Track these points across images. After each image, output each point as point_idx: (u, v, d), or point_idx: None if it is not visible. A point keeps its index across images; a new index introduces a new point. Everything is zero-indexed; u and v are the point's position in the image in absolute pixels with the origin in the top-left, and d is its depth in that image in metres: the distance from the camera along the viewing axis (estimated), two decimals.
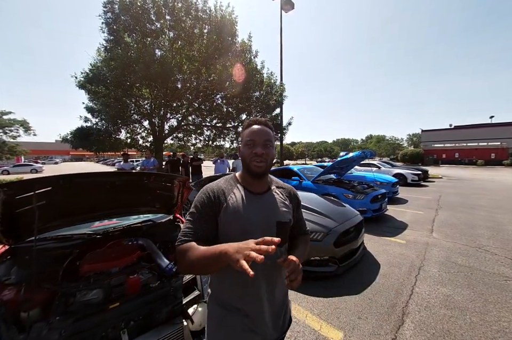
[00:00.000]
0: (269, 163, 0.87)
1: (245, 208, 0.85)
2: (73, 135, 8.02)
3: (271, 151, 0.87)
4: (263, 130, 0.87)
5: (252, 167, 0.85)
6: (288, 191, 0.99)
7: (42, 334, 1.08)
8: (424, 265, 3.02)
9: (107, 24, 7.69)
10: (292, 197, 0.99)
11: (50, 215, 1.55)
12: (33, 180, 1.19)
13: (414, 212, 5.80)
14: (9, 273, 1.45)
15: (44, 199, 1.32)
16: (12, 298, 1.27)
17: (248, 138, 0.86)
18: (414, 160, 31.86)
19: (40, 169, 23.98)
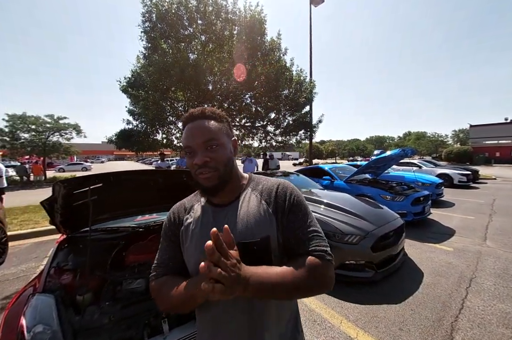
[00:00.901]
0: (223, 170, 0.63)
1: (203, 227, 0.66)
2: (117, 136, 8.80)
3: (220, 152, 0.63)
4: (200, 127, 0.63)
5: (200, 181, 0.63)
6: (271, 190, 0.68)
7: (94, 317, 1.19)
8: (477, 277, 2.69)
9: (145, 32, 8.26)
10: (277, 198, 0.67)
11: (100, 208, 1.71)
12: (88, 177, 1.32)
13: (463, 217, 5.20)
14: (67, 260, 1.64)
15: (96, 193, 1.46)
16: (69, 282, 1.43)
17: (184, 144, 0.64)
18: (461, 159, 28.57)
19: (90, 168, 27.07)
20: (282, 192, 0.67)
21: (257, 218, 0.64)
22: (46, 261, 3.00)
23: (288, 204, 0.66)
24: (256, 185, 0.72)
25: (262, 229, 0.63)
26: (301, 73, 9.48)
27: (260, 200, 0.67)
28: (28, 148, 13.27)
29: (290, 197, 0.67)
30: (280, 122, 10.01)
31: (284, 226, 0.64)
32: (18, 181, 12.79)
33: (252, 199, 0.68)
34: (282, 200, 0.66)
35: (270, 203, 0.66)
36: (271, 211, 0.65)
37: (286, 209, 0.65)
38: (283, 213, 0.65)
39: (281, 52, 9.12)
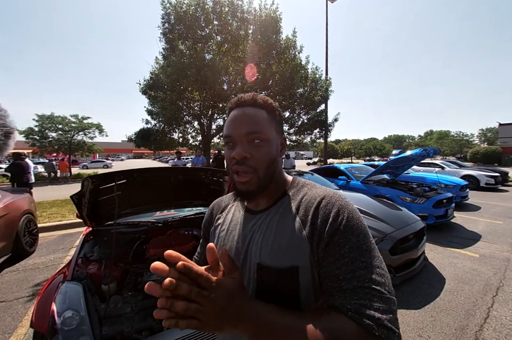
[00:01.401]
0: (263, 172, 0.52)
1: (228, 233, 0.59)
2: (137, 135, 9.16)
3: (264, 149, 0.52)
4: (246, 115, 0.52)
5: (236, 182, 0.54)
6: (311, 203, 0.50)
7: (118, 306, 1.25)
8: (504, 285, 2.53)
9: (164, 34, 8.51)
10: (316, 216, 0.48)
11: (123, 203, 1.80)
12: (114, 173, 1.40)
13: (490, 222, 4.89)
14: (93, 251, 1.74)
15: (120, 189, 1.54)
16: (95, 271, 1.51)
17: (225, 133, 0.55)
18: (489, 160, 26.80)
19: (110, 165, 28.43)
20: (326, 210, 0.48)
21: (287, 240, 0.48)
22: (72, 252, 3.21)
23: (331, 229, 0.45)
24: (297, 193, 0.56)
25: (289, 256, 0.47)
26: (317, 71, 9.34)
27: (294, 215, 0.51)
28: (55, 146, 14.16)
29: (336, 219, 0.46)
30: (295, 121, 9.94)
31: (314, 258, 0.46)
32: (46, 177, 13.66)
33: (286, 211, 0.53)
34: (322, 221, 0.47)
35: (305, 222, 0.48)
36: (305, 235, 0.47)
37: (326, 235, 0.45)
38: (320, 240, 0.45)
39: (297, 50, 9.03)
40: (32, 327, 1.08)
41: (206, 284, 0.36)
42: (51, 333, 0.98)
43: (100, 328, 1.08)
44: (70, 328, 1.00)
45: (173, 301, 0.33)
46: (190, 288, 0.33)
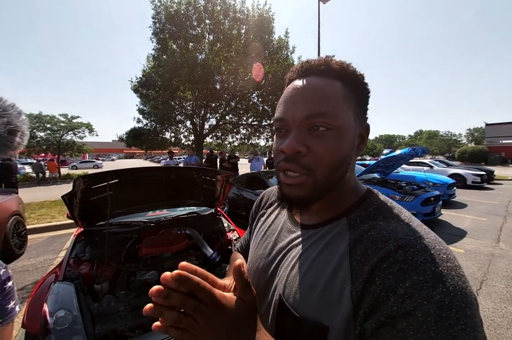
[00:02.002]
0: (324, 175, 0.36)
1: (264, 239, 0.50)
2: (128, 135, 9.05)
3: (332, 140, 0.35)
4: (309, 88, 0.36)
5: (281, 184, 0.40)
6: (378, 249, 0.31)
7: (111, 304, 1.26)
8: (488, 279, 2.64)
9: (155, 34, 8.43)
10: (379, 271, 0.29)
11: (115, 203, 1.79)
12: (106, 173, 1.40)
13: (475, 219, 5.07)
14: (84, 251, 1.73)
15: (112, 189, 1.54)
16: (87, 271, 1.51)
17: (276, 115, 0.40)
18: (476, 159, 27.65)
19: (101, 165, 27.87)
20: (398, 269, 0.28)
21: (321, 286, 0.34)
22: (62, 253, 3.16)
23: (394, 308, 0.27)
24: (362, 219, 0.37)
25: (317, 310, 0.33)
26: None
27: (345, 253, 0.34)
28: (43, 146, 13.79)
29: (411, 295, 0.26)
30: None
31: (365, 337, 0.28)
32: (34, 178, 13.31)
33: (336, 242, 0.37)
34: (385, 286, 0.28)
35: (358, 273, 0.31)
36: (348, 291, 0.31)
37: (382, 311, 0.27)
38: (371, 313, 0.28)
39: (289, 50, 9.11)
40: (23, 327, 1.08)
41: (206, 299, 0.29)
42: (43, 333, 0.98)
43: (92, 326, 1.09)
44: (62, 327, 1.00)
45: (163, 310, 0.28)
46: (184, 299, 0.28)
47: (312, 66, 0.38)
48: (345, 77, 0.38)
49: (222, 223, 2.26)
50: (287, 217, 0.50)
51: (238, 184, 4.99)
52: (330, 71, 0.37)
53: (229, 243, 1.99)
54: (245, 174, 5.35)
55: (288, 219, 0.49)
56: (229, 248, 1.94)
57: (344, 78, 0.37)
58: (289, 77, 0.42)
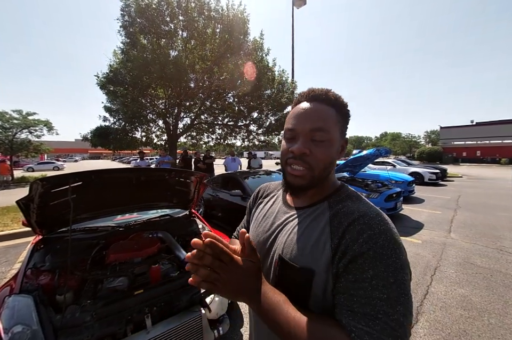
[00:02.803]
0: (318, 172, 0.52)
1: (263, 220, 0.66)
2: (93, 133, 8.40)
3: (324, 149, 0.51)
4: (314, 111, 0.52)
5: (286, 175, 0.56)
6: (347, 218, 0.49)
7: (76, 315, 1.19)
8: (441, 265, 2.96)
9: (124, 27, 7.95)
10: (347, 232, 0.46)
11: (79, 208, 1.68)
12: (68, 175, 1.30)
13: (431, 212, 5.64)
14: (44, 261, 1.59)
15: (75, 192, 1.44)
16: (47, 282, 1.40)
17: (288, 126, 0.55)
18: (432, 158, 30.62)
19: (62, 167, 25.39)
20: (360, 229, 0.45)
21: (310, 244, 0.50)
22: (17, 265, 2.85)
23: (358, 249, 0.43)
24: (337, 202, 0.54)
25: (308, 258, 0.49)
26: (283, 74, 9.64)
27: (326, 224, 0.51)
28: None
29: (368, 242, 0.43)
30: (263, 121, 10.12)
31: (339, 274, 0.44)
32: None
33: (320, 217, 0.53)
34: (352, 239, 0.44)
35: (335, 234, 0.48)
36: (329, 245, 0.47)
37: (350, 253, 0.43)
38: (344, 256, 0.44)
39: (264, 52, 9.21)
40: None
41: (226, 260, 0.43)
42: None
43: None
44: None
45: (198, 268, 0.42)
46: (213, 260, 0.42)
47: (316, 94, 0.54)
48: (338, 105, 0.54)
49: (196, 224, 2.23)
50: (282, 203, 0.66)
51: (214, 185, 4.93)
52: (328, 100, 0.53)
53: None
54: (220, 175, 5.31)
55: (283, 204, 0.65)
56: None
57: (337, 106, 0.54)
58: (298, 99, 0.57)
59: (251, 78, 8.11)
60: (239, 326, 1.96)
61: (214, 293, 0.51)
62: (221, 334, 1.48)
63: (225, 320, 1.55)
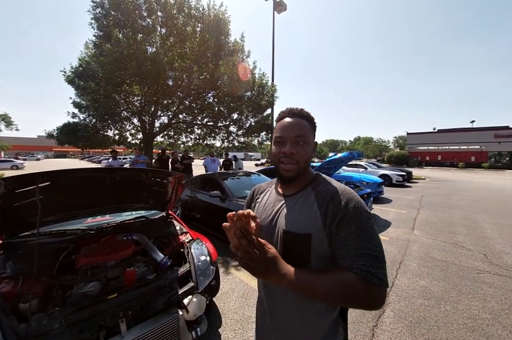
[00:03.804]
0: (302, 165, 0.72)
1: (264, 210, 0.82)
2: (60, 130, 7.78)
3: (305, 149, 0.72)
4: (295, 123, 0.72)
5: (280, 170, 0.74)
6: (327, 194, 0.69)
7: (42, 323, 1.11)
8: (405, 260, 3.22)
9: (96, 19, 7.52)
10: (330, 203, 0.67)
11: (46, 210, 1.57)
12: (35, 174, 1.22)
13: (398, 211, 6.07)
14: (5, 267, 1.46)
15: (42, 193, 1.35)
16: (9, 290, 1.29)
17: (277, 134, 0.74)
18: (400, 162, 32.97)
19: (21, 166, 22.95)
20: (338, 199, 0.66)
21: (305, 216, 0.69)
22: None
23: (340, 213, 0.64)
24: (317, 186, 0.75)
25: (305, 227, 0.67)
26: (263, 76, 9.77)
27: (313, 201, 0.70)
28: None
29: (346, 207, 0.64)
30: (243, 123, 10.15)
31: (332, 234, 0.64)
32: None
33: (308, 197, 0.73)
34: (334, 207, 0.65)
35: (321, 207, 0.68)
36: (319, 214, 0.67)
37: (337, 217, 0.64)
38: (332, 221, 0.64)
39: (245, 54, 9.28)
40: None
41: (259, 247, 0.56)
42: None
43: None
44: None
45: (238, 249, 0.56)
46: (248, 244, 0.54)
47: (294, 112, 0.74)
48: (309, 119, 0.75)
49: (173, 226, 2.19)
50: (276, 194, 0.83)
51: (192, 186, 4.85)
52: (303, 116, 0.74)
53: (181, 246, 1.94)
54: (199, 175, 5.23)
55: (276, 195, 0.82)
56: (181, 251, 1.90)
57: (309, 119, 0.75)
58: (281, 115, 0.77)
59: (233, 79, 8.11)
60: (217, 327, 1.96)
61: (249, 272, 0.59)
62: (198, 335, 1.47)
63: (203, 321, 1.55)
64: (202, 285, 1.60)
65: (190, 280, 1.63)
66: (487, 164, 29.93)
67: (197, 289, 1.59)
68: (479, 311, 2.17)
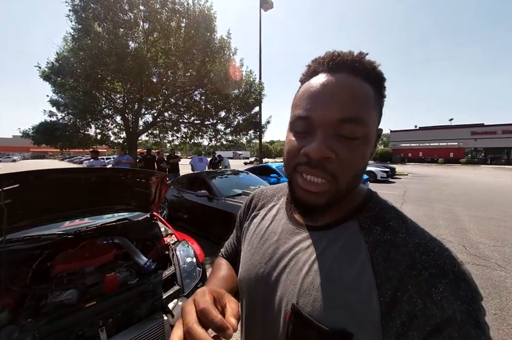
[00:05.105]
0: (346, 183, 0.35)
1: (261, 242, 0.46)
2: (36, 130, 7.36)
3: (360, 149, 0.34)
4: (344, 87, 0.33)
5: (296, 188, 0.38)
6: (398, 253, 0.33)
7: (13, 337, 1.03)
8: None
9: (75, 11, 7.13)
10: (416, 287, 0.29)
11: (16, 214, 1.46)
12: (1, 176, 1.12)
13: None
14: None
15: (10, 196, 1.25)
16: None
17: (298, 112, 0.36)
18: (384, 158, 34.07)
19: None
20: (429, 274, 0.30)
21: (345, 288, 0.33)
22: None
23: (440, 315, 0.27)
24: (371, 221, 0.38)
25: (342, 316, 0.32)
26: (251, 74, 9.71)
27: (364, 258, 0.34)
28: None
29: (447, 299, 0.28)
30: (231, 121, 10.06)
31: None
32: None
33: (352, 244, 0.36)
34: (421, 294, 0.29)
35: (383, 279, 0.31)
36: (376, 295, 0.31)
37: (426, 322, 0.28)
38: (411, 323, 0.28)
39: (231, 51, 9.15)
40: None
41: None
42: None
43: None
44: None
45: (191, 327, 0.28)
46: None
47: (346, 61, 0.34)
48: (376, 79, 0.35)
49: (158, 227, 2.12)
50: (287, 218, 0.46)
51: (178, 186, 4.74)
52: (365, 71, 0.34)
53: (166, 248, 1.88)
54: (185, 175, 5.13)
55: (288, 220, 0.45)
56: (166, 253, 1.84)
57: (375, 80, 0.35)
58: (314, 68, 0.36)
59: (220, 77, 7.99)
60: None
61: None
62: None
63: None
64: (188, 288, 1.55)
65: (176, 283, 1.58)
66: (464, 159, 31.57)
67: (183, 292, 1.54)
68: None
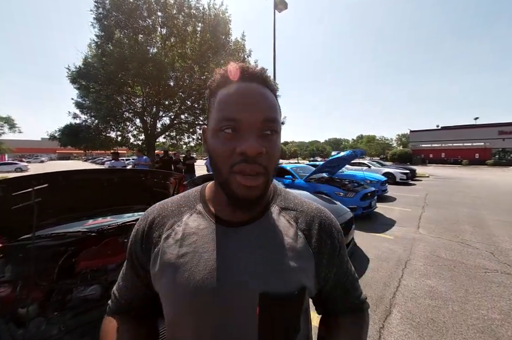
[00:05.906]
0: (272, 173, 0.39)
1: (196, 259, 0.40)
2: (62, 132, 7.84)
3: (277, 145, 0.39)
4: (259, 94, 0.38)
5: (235, 187, 0.37)
6: (312, 218, 0.47)
7: (41, 329, 1.10)
8: (411, 259, 3.16)
9: (98, 19, 7.54)
10: (322, 233, 0.46)
11: (44, 212, 1.55)
12: (32, 176, 1.20)
13: (402, 210, 6.00)
14: (3, 271, 1.45)
15: (40, 196, 1.33)
16: (8, 294, 1.27)
17: (226, 113, 0.37)
18: (403, 160, 32.70)
19: (25, 168, 23.21)
20: (329, 227, 0.47)
21: (294, 258, 0.41)
22: None
23: (337, 245, 0.47)
24: (286, 203, 0.48)
25: (298, 276, 0.40)
26: None
27: (295, 228, 0.44)
28: None
29: (338, 236, 0.47)
30: None
31: (326, 273, 0.45)
32: None
33: (281, 223, 0.44)
34: (330, 238, 0.45)
35: (310, 237, 0.44)
36: (311, 251, 0.43)
37: (336, 252, 0.46)
38: (330, 257, 0.45)
39: (246, 53, 9.25)
40: None
41: None
42: None
43: None
44: None
45: None
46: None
47: (255, 73, 0.39)
48: (274, 90, 0.42)
49: None
50: (213, 223, 0.44)
51: (194, 186, 4.83)
52: (267, 82, 0.40)
53: None
54: (201, 176, 5.21)
55: (217, 224, 0.43)
56: None
57: (273, 89, 0.42)
58: (226, 77, 0.39)
59: None
60: None
61: None
62: None
63: None
64: None
65: None
66: (492, 161, 29.55)
67: None
68: (488, 311, 2.12)
